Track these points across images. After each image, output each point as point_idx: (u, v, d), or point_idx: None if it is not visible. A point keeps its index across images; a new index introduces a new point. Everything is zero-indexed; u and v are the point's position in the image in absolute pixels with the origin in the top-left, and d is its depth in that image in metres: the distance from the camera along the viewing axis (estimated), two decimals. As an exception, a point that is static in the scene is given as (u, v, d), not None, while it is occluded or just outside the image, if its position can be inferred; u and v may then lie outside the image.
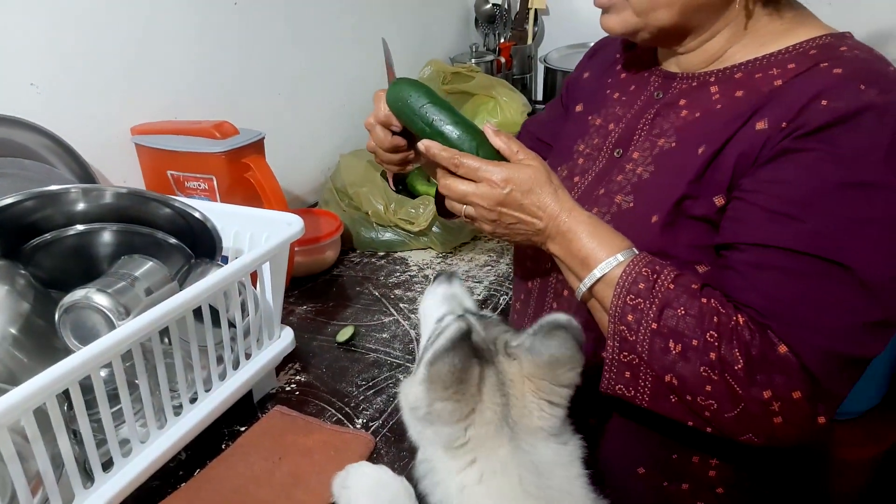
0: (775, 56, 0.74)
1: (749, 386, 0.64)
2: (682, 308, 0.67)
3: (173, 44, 1.23)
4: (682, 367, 0.66)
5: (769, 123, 0.69)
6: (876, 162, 0.63)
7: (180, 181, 1.11)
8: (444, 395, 0.61)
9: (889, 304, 0.64)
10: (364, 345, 1.11)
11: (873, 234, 0.63)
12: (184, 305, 0.75)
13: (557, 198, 0.73)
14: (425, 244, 1.43)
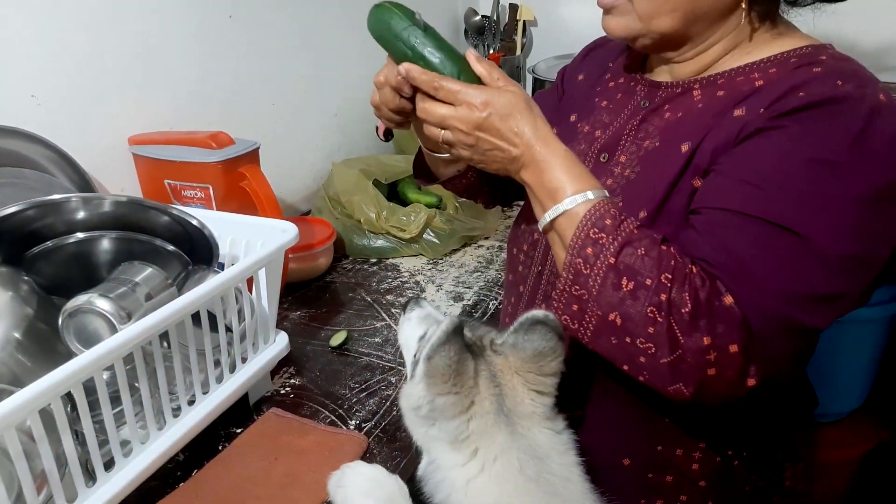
0: (758, 64, 0.79)
1: (691, 331, 0.65)
2: (642, 248, 0.68)
3: (170, 55, 1.26)
4: (629, 306, 0.67)
5: (747, 111, 0.73)
6: (843, 144, 0.67)
7: (177, 190, 1.14)
8: (443, 388, 0.65)
9: (840, 279, 0.66)
10: (357, 349, 1.13)
11: (833, 210, 0.66)
12: (183, 310, 0.78)
13: (535, 126, 0.74)
14: (416, 251, 1.46)
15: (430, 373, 0.64)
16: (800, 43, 0.79)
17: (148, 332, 0.73)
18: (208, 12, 1.33)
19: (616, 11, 0.81)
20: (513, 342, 0.71)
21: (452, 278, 1.38)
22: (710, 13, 0.78)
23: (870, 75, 0.73)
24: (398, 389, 1.02)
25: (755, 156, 0.70)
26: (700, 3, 0.76)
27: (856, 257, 0.67)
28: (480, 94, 0.74)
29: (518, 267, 0.96)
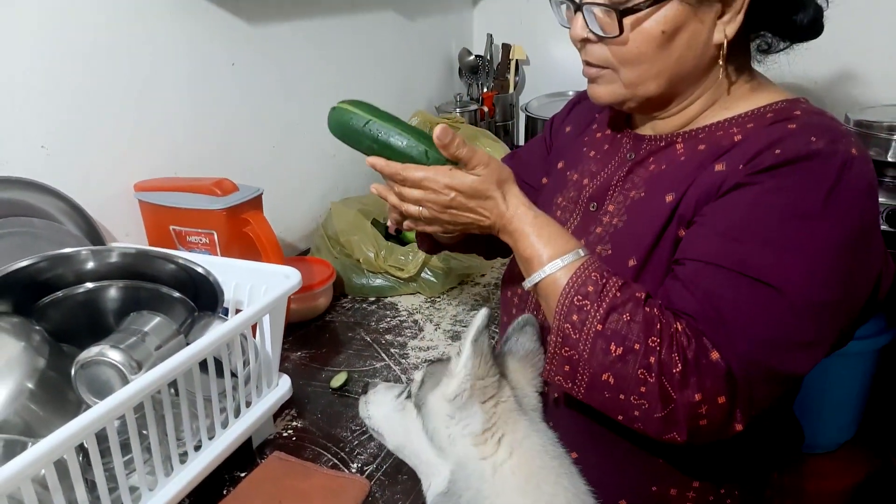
0: (736, 118, 0.83)
1: (682, 388, 0.68)
2: (627, 314, 0.71)
3: (173, 104, 1.30)
4: (619, 368, 0.70)
5: (727, 166, 0.77)
6: (817, 198, 0.70)
7: (182, 235, 1.17)
8: (483, 370, 0.70)
9: (815, 326, 0.70)
10: (357, 390, 1.15)
11: (806, 262, 0.70)
12: (191, 359, 0.80)
13: (504, 201, 0.80)
14: (414, 290, 1.48)
15: (476, 353, 0.68)
16: (775, 97, 0.83)
17: (158, 382, 0.75)
18: (210, 61, 1.37)
19: (602, 80, 0.85)
20: (507, 349, 0.78)
21: (450, 316, 1.40)
22: (693, 73, 0.82)
23: (842, 129, 0.77)
24: (398, 431, 1.04)
25: (734, 210, 0.74)
26: (683, 66, 0.81)
27: (830, 304, 0.70)
28: (443, 178, 0.79)
29: (512, 310, 0.99)
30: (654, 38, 0.79)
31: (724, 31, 0.79)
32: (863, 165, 0.73)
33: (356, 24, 1.81)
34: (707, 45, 0.80)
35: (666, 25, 0.78)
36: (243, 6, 1.42)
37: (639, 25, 0.78)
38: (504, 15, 2.39)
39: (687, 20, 0.78)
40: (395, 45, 2.01)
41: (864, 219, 0.73)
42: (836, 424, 2.03)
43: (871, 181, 0.74)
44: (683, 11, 0.77)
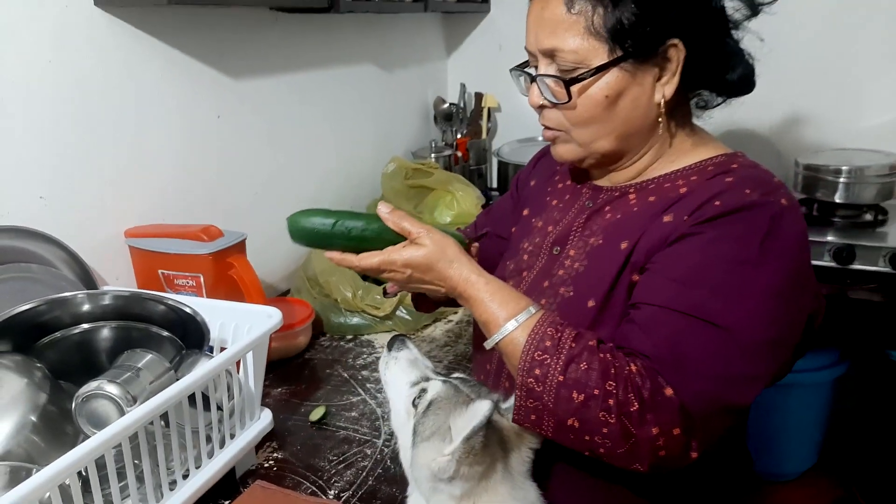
0: (681, 171, 0.93)
1: (641, 425, 0.74)
2: (584, 363, 0.77)
3: (161, 154, 1.38)
4: (583, 413, 0.76)
5: (674, 217, 0.86)
6: (753, 245, 0.80)
7: (170, 279, 1.24)
8: (474, 460, 0.75)
9: (760, 362, 0.78)
10: (335, 423, 1.22)
11: (748, 302, 0.78)
12: (181, 393, 0.87)
13: (454, 270, 0.88)
14: (390, 327, 1.56)
15: (466, 451, 0.74)
16: (715, 152, 0.94)
17: (152, 413, 0.82)
18: (197, 114, 1.46)
19: (559, 141, 0.96)
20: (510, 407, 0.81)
21: (424, 353, 1.47)
22: (640, 130, 0.92)
23: (775, 182, 0.87)
24: (373, 460, 1.11)
25: (681, 257, 0.83)
26: (630, 125, 0.91)
27: (772, 342, 0.79)
28: (397, 257, 0.90)
29: (486, 365, 1.07)
30: (600, 102, 0.89)
31: (662, 92, 0.89)
32: (793, 215, 0.84)
33: (336, 76, 1.92)
34: (649, 105, 0.90)
35: (609, 91, 0.88)
36: (228, 63, 1.52)
37: (585, 91, 0.88)
38: (476, 66, 2.52)
39: (628, 85, 0.88)
40: (373, 95, 2.12)
41: (796, 264, 0.82)
42: (798, 453, 2.12)
43: (801, 230, 0.84)
44: (623, 77, 0.87)
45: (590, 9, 0.86)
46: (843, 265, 1.74)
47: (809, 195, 1.94)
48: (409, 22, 2.27)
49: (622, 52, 0.86)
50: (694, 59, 0.89)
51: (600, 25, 0.86)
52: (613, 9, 0.85)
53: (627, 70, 0.87)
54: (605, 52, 0.86)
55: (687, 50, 0.87)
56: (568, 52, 0.87)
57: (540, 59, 0.92)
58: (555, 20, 0.88)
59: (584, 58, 0.87)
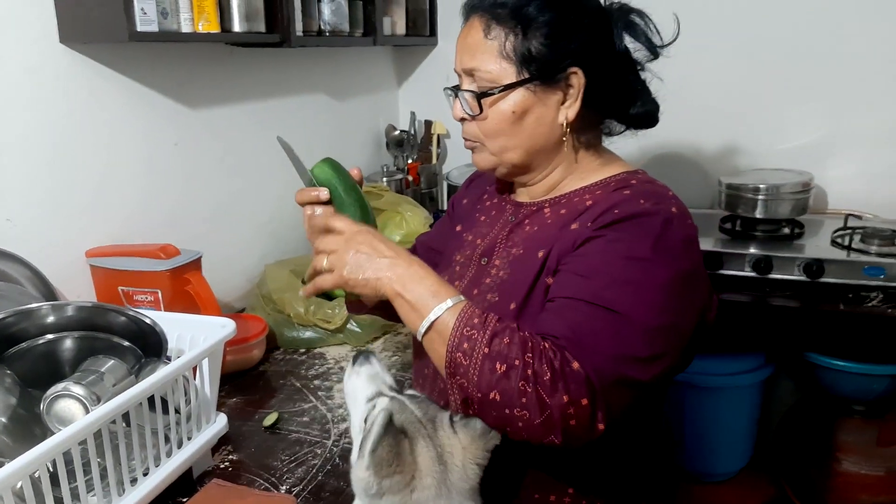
0: (589, 187, 1.06)
1: (553, 393, 0.81)
2: (507, 337, 0.85)
3: (123, 179, 1.47)
4: (504, 384, 0.83)
5: (580, 224, 0.99)
6: (647, 245, 0.92)
7: (129, 295, 1.32)
8: (388, 471, 0.78)
9: (653, 344, 0.89)
10: (287, 428, 1.31)
11: (642, 293, 0.90)
12: (141, 394, 0.95)
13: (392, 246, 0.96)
14: (341, 340, 1.66)
15: (375, 463, 0.77)
16: (619, 170, 1.08)
17: (114, 412, 0.90)
18: (156, 142, 1.56)
19: (477, 150, 1.09)
20: (465, 422, 0.85)
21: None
22: (545, 146, 1.05)
23: (668, 195, 1.01)
24: (323, 458, 1.20)
25: (585, 257, 0.95)
26: (535, 140, 1.04)
27: (663, 328, 0.90)
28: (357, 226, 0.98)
29: (422, 354, 1.17)
30: (507, 116, 1.02)
31: (565, 114, 1.03)
32: (681, 221, 0.97)
33: (289, 105, 2.03)
34: (553, 125, 1.04)
35: (515, 107, 1.02)
36: (186, 94, 1.62)
37: (494, 106, 1.02)
38: (426, 95, 2.65)
39: (533, 104, 1.02)
40: (326, 123, 2.23)
41: (684, 263, 0.95)
42: (731, 453, 2.25)
43: (688, 234, 0.97)
44: (529, 97, 1.01)
45: (503, 36, 1.00)
46: (762, 275, 1.89)
47: (732, 212, 2.09)
48: (360, 54, 2.39)
49: (529, 74, 1.00)
50: (596, 89, 1.03)
51: (511, 50, 1.00)
52: (524, 38, 0.99)
53: (533, 91, 1.01)
54: (514, 73, 1.00)
55: (588, 80, 1.01)
56: (484, 71, 1.01)
57: (463, 77, 1.06)
58: (474, 44, 1.02)
59: (497, 77, 1.01)
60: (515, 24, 1.00)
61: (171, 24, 1.37)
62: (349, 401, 0.94)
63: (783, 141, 2.25)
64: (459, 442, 0.85)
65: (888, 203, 2.15)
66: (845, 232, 1.96)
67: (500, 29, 1.00)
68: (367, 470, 0.78)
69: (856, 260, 1.82)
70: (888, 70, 2.08)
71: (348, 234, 0.97)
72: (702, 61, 2.17)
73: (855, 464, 2.04)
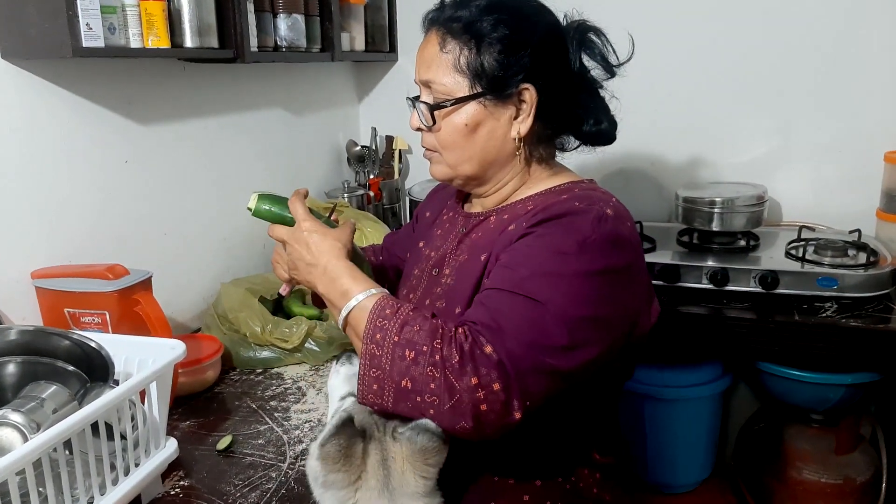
0: (534, 195, 1.09)
1: (461, 376, 0.84)
2: (417, 325, 0.89)
3: (70, 198, 1.43)
4: (413, 370, 0.86)
5: (516, 226, 1.01)
6: (572, 241, 0.93)
7: (76, 317, 1.28)
8: (334, 468, 0.84)
9: (574, 333, 0.89)
10: (241, 451, 1.28)
11: (562, 285, 0.91)
12: (84, 420, 0.92)
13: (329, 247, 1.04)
14: (299, 359, 1.63)
15: (322, 457, 0.83)
16: (566, 179, 1.10)
17: (54, 440, 0.87)
18: (106, 159, 1.52)
19: (434, 161, 1.11)
20: (408, 436, 0.87)
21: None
22: (498, 159, 1.07)
23: (603, 197, 1.02)
24: (277, 482, 1.18)
25: (514, 250, 0.97)
26: (488, 153, 1.06)
27: (585, 318, 0.91)
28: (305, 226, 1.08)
29: None
30: (460, 129, 1.04)
31: (518, 129, 1.05)
32: (615, 221, 0.98)
33: (245, 122, 2.00)
34: (506, 139, 1.06)
35: (468, 120, 1.03)
36: (136, 111, 1.59)
37: (447, 118, 1.04)
38: (386, 111, 2.65)
39: (485, 117, 1.04)
40: (284, 140, 2.21)
41: (612, 260, 0.95)
42: (693, 464, 2.27)
43: (620, 233, 0.98)
44: (482, 110, 1.03)
45: (458, 50, 1.02)
46: (719, 287, 1.91)
47: (689, 225, 2.12)
48: (318, 70, 2.38)
49: (481, 88, 1.02)
50: (549, 105, 1.03)
51: (465, 65, 1.02)
52: (477, 53, 1.01)
53: (485, 105, 1.03)
54: (467, 86, 1.02)
55: (541, 96, 1.02)
56: (439, 84, 1.03)
57: (422, 89, 1.08)
58: (431, 57, 1.05)
59: (451, 90, 1.03)
60: (469, 38, 1.01)
61: (119, 40, 1.35)
62: (329, 396, 1.03)
63: (737, 154, 2.30)
64: (401, 450, 0.88)
65: (839, 214, 2.21)
66: (799, 244, 2.00)
67: (455, 43, 1.02)
68: (316, 460, 0.83)
69: (809, 271, 1.86)
70: (835, 84, 2.14)
71: (287, 240, 1.10)
72: (656, 76, 2.22)
73: (813, 472, 2.08)
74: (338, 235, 1.06)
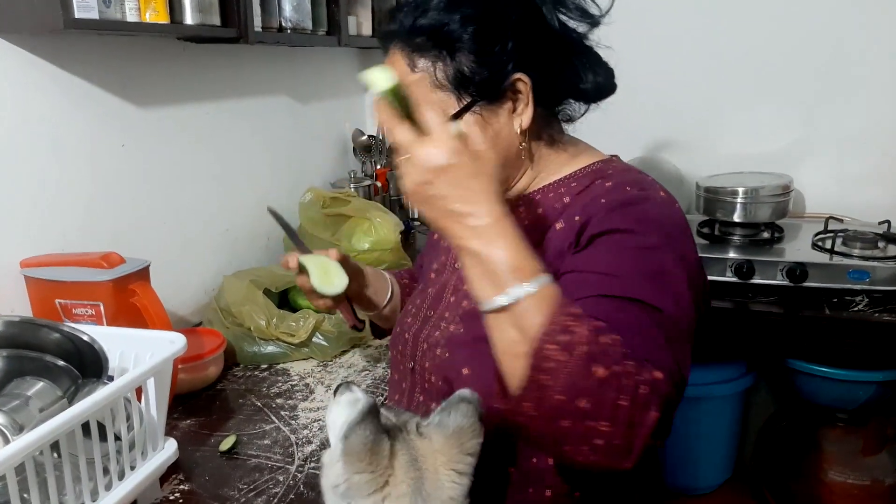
0: (563, 181, 0.98)
1: (646, 411, 0.68)
2: (608, 338, 0.70)
3: (62, 183, 1.35)
4: (601, 393, 0.67)
5: (565, 223, 0.91)
6: (651, 231, 0.84)
7: (68, 309, 1.20)
8: (359, 466, 0.71)
9: (688, 338, 0.81)
10: (246, 452, 1.19)
11: (659, 281, 0.81)
12: (72, 420, 0.83)
13: (490, 184, 0.74)
14: (307, 355, 1.54)
15: (347, 451, 0.70)
16: (591, 160, 1.00)
17: (39, 443, 0.78)
18: (101, 143, 1.43)
19: None
20: (438, 421, 0.76)
21: (342, 378, 1.47)
22: (508, 158, 0.95)
23: (649, 179, 0.94)
24: (285, 486, 1.09)
25: (601, 256, 0.84)
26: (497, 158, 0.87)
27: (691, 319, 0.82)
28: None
29: (399, 366, 1.08)
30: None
31: (520, 122, 0.93)
32: (673, 205, 0.90)
33: (248, 107, 1.92)
34: (511, 136, 0.94)
35: None
36: (133, 92, 1.50)
37: None
38: (393, 98, 2.56)
39: (484, 126, 0.91)
40: (288, 127, 2.12)
41: (687, 248, 0.88)
42: (713, 466, 2.19)
43: (683, 217, 0.91)
44: (478, 120, 0.91)
45: (430, 66, 0.90)
46: (744, 280, 1.83)
47: (711, 216, 2.04)
48: (324, 55, 2.29)
49: (470, 98, 0.90)
50: (544, 83, 0.93)
51: (443, 79, 0.90)
52: (451, 61, 0.89)
53: (480, 113, 0.91)
54: (455, 101, 0.90)
55: (534, 79, 0.91)
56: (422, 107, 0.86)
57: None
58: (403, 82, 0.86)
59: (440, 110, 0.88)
60: (439, 50, 0.90)
61: (115, 13, 1.26)
62: (330, 432, 0.85)
63: (759, 145, 2.23)
64: (431, 444, 0.76)
65: (865, 206, 2.13)
66: (827, 235, 1.92)
67: (425, 60, 0.91)
68: (338, 461, 0.71)
69: (839, 263, 1.78)
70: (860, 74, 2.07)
71: (447, 150, 0.72)
72: (674, 64, 2.14)
73: (840, 474, 2.00)
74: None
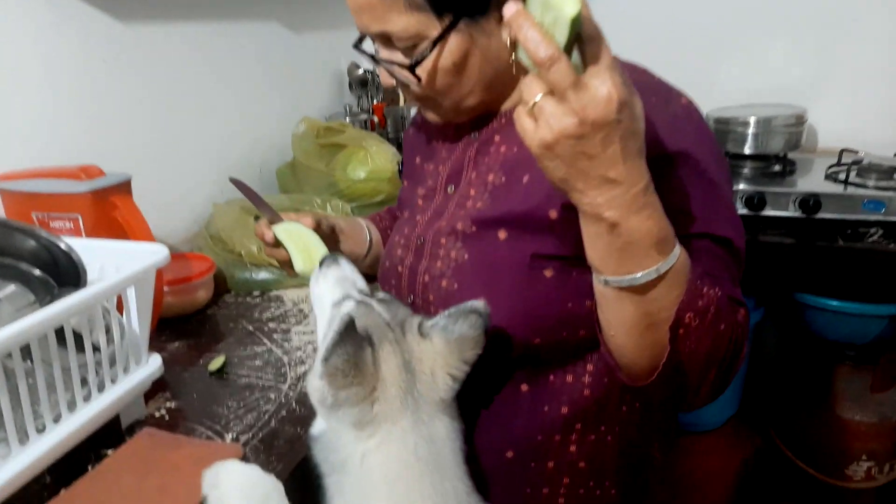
0: None
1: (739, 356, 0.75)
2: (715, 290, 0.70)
3: (40, 99, 1.28)
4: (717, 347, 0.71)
5: None
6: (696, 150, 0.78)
7: (45, 222, 1.13)
8: (344, 382, 0.69)
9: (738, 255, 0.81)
10: (236, 372, 1.14)
11: (718, 207, 0.79)
12: (45, 322, 0.78)
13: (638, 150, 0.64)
14: (300, 282, 1.48)
15: (328, 372, 0.68)
16: None
17: (5, 343, 0.73)
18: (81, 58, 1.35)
19: (430, 107, 0.91)
20: (443, 325, 0.75)
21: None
22: (501, 75, 0.86)
23: (663, 83, 0.86)
24: (277, 404, 1.04)
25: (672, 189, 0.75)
26: (486, 76, 0.85)
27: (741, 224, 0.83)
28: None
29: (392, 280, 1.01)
30: (449, 70, 0.82)
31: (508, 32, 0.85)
32: (697, 110, 0.85)
33: (239, 31, 1.83)
34: (501, 50, 0.83)
35: (454, 58, 0.81)
36: (117, 6, 1.42)
37: (432, 67, 0.82)
38: (391, 30, 2.47)
39: (471, 44, 0.81)
40: (281, 57, 2.03)
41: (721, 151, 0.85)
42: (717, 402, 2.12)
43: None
44: (464, 39, 0.81)
45: None
46: (755, 212, 1.77)
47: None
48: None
49: (453, 16, 0.79)
50: None
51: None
52: None
53: (465, 31, 0.81)
54: (436, 21, 0.79)
55: None
56: (399, 32, 0.80)
57: (376, 43, 0.86)
58: (372, 3, 0.79)
59: (418, 33, 0.80)
60: None
61: None
62: (316, 307, 0.85)
63: (771, 77, 2.15)
64: (432, 346, 0.75)
65: (879, 140, 2.05)
66: (841, 168, 1.84)
67: None
68: (320, 379, 0.69)
69: (854, 194, 1.71)
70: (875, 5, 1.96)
71: (619, 102, 0.59)
72: None
73: (847, 411, 1.96)
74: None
